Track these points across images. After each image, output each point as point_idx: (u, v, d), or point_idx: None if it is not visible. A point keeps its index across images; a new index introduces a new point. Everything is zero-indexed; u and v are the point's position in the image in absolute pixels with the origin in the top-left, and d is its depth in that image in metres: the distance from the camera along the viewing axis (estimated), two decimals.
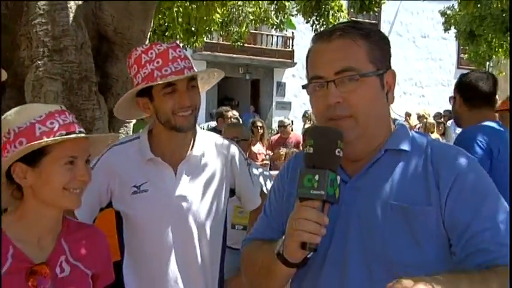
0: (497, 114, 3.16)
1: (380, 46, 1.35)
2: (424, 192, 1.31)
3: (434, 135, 8.73)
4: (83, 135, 1.53)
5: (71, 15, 3.14)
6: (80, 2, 3.25)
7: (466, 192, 1.29)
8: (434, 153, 1.35)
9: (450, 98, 7.27)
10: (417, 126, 10.05)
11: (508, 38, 11.75)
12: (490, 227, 1.27)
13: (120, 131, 3.57)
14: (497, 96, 3.06)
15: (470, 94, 2.89)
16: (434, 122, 9.65)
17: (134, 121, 3.94)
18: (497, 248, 1.25)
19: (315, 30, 8.11)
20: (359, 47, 1.32)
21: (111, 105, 3.41)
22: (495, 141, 2.69)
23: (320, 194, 1.21)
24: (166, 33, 7.96)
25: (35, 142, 1.45)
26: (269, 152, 7.92)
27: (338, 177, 1.24)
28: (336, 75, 1.31)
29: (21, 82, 3.19)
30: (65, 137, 1.48)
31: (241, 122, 7.95)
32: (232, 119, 7.48)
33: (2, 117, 1.53)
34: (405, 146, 1.37)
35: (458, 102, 2.95)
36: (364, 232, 1.34)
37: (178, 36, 8.11)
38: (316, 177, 1.21)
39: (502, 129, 2.85)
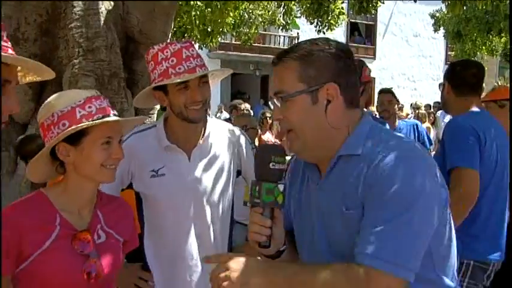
0: (483, 104, 3.08)
1: (317, 64, 1.32)
2: (357, 196, 1.29)
3: (426, 125, 8.71)
4: (116, 118, 1.56)
5: (102, 19, 3.17)
6: (110, 8, 3.28)
7: (372, 203, 1.25)
8: (373, 160, 1.27)
9: (440, 84, 7.16)
10: (409, 116, 10.03)
11: (490, 37, 11.64)
12: (372, 234, 1.21)
13: (145, 121, 3.55)
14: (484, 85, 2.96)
15: (458, 82, 2.73)
16: (425, 112, 9.60)
17: (157, 110, 3.94)
18: (362, 245, 1.21)
19: (318, 31, 8.10)
20: (290, 70, 1.33)
21: None
22: (483, 128, 2.55)
23: (258, 202, 1.29)
24: (185, 35, 7.95)
25: (79, 125, 1.49)
26: (277, 140, 7.94)
27: (279, 186, 1.30)
28: (274, 96, 1.37)
29: (60, 79, 3.23)
30: (103, 120, 1.51)
31: (252, 113, 7.99)
32: (245, 111, 7.52)
33: (45, 102, 1.56)
34: (356, 151, 1.32)
35: (446, 89, 2.80)
36: (326, 228, 1.37)
37: (195, 37, 8.11)
38: (257, 188, 1.29)
39: (489, 116, 2.72)
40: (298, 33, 18.09)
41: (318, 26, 7.81)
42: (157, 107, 3.85)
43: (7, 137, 3.42)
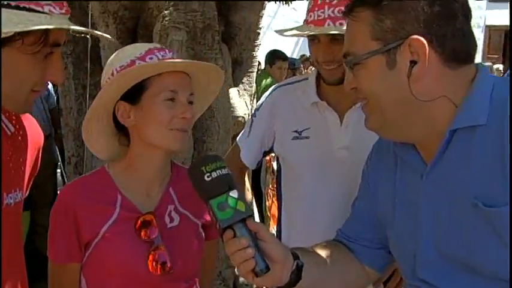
0: None
1: (396, 13, 1.02)
2: (503, 183, 0.97)
3: None
4: (179, 60, 1.35)
5: None
6: None
7: None
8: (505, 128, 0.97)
9: None
10: None
11: None
12: None
13: (243, 80, 3.27)
14: None
15: None
16: None
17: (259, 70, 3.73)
18: None
19: None
20: (362, 24, 1.06)
21: (235, 55, 3.21)
22: None
23: (219, 226, 1.08)
24: None
25: (129, 68, 1.30)
26: None
27: (231, 193, 1.09)
28: (343, 60, 1.13)
29: (150, 32, 3.01)
30: (160, 62, 1.30)
31: None
32: None
33: (107, 62, 1.42)
34: (479, 119, 1.01)
35: None
36: (440, 232, 1.08)
37: None
38: (210, 211, 1.10)
39: None
40: None
41: None
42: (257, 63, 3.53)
43: None
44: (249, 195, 2.04)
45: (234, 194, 1.10)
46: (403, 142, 1.15)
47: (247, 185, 2.10)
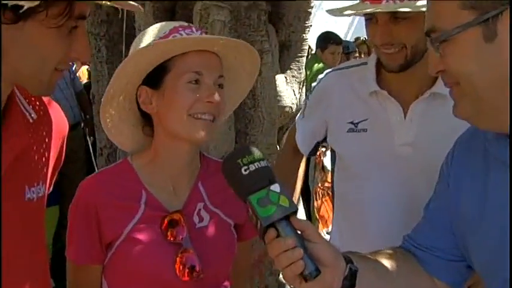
0: None
1: None
2: None
3: None
4: (205, 35, 1.31)
5: None
6: None
7: None
8: None
9: None
10: None
11: None
12: None
13: (291, 66, 3.13)
14: None
15: None
16: None
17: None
18: None
19: None
20: None
21: (283, 37, 3.07)
22: None
23: (260, 225, 1.04)
24: None
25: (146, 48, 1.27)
26: None
27: (272, 187, 1.05)
28: (428, 39, 1.04)
29: (189, 12, 2.86)
30: (181, 38, 1.25)
31: None
32: None
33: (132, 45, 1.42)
34: None
35: None
36: None
37: None
38: (249, 209, 1.06)
39: None
40: None
41: None
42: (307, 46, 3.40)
43: None
44: (299, 184, 2.02)
45: (275, 188, 1.05)
46: (496, 131, 1.07)
47: (301, 172, 2.05)
